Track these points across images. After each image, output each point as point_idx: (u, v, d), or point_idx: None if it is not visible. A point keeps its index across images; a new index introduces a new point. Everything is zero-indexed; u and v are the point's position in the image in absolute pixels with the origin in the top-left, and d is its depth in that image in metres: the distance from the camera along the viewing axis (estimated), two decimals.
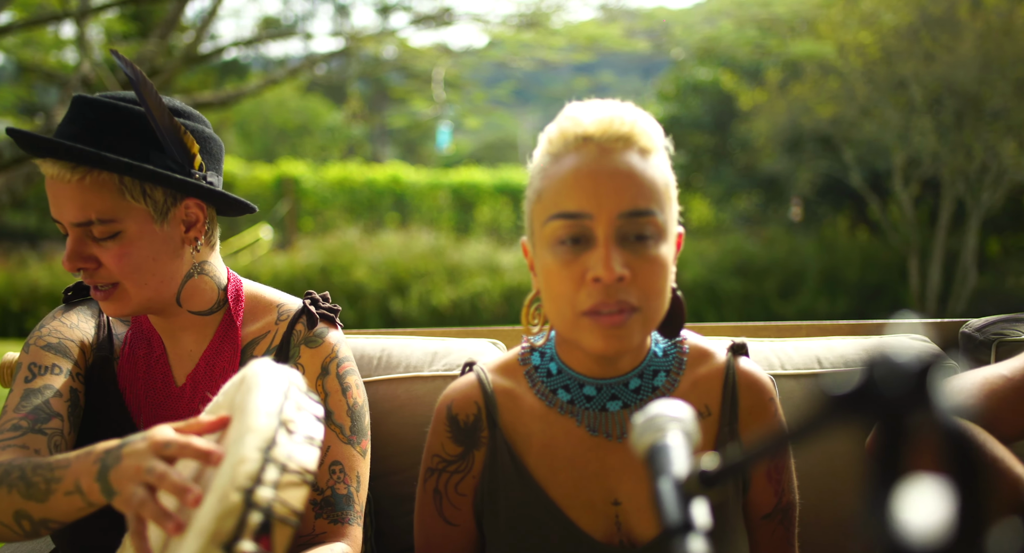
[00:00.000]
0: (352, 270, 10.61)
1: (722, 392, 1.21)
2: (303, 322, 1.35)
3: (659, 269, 1.08)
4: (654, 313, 1.10)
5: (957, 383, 1.19)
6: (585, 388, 1.18)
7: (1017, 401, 1.16)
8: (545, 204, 1.09)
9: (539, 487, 1.17)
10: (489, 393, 1.22)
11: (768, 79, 10.71)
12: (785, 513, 1.24)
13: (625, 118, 1.10)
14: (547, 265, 1.09)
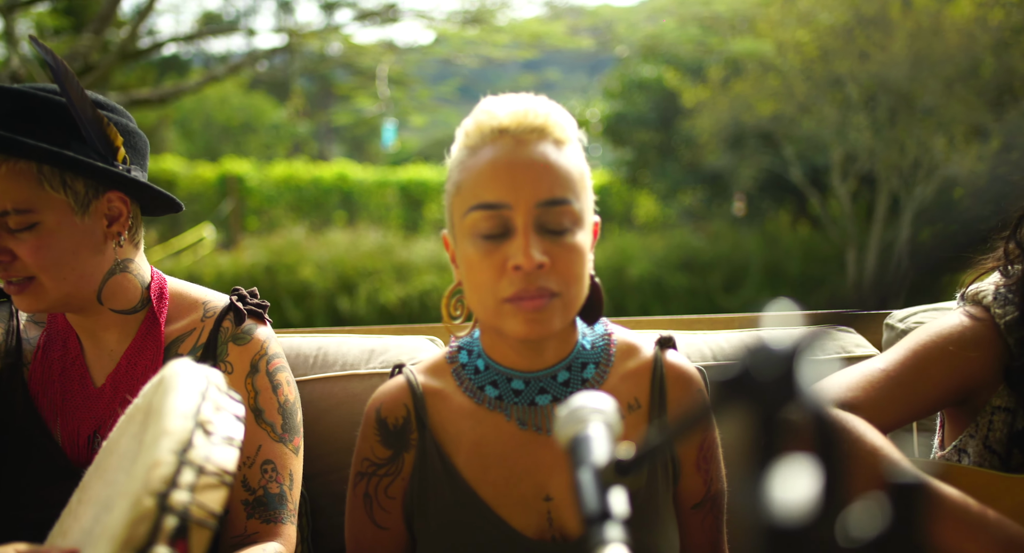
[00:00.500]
0: (299, 269, 10.48)
1: (651, 385, 1.23)
2: (230, 319, 1.34)
3: (577, 256, 1.11)
4: (573, 299, 1.13)
5: (840, 376, 1.23)
6: (513, 382, 1.19)
7: (894, 392, 1.20)
8: (464, 196, 1.12)
9: (469, 487, 1.18)
10: (418, 395, 1.22)
11: (710, 77, 10.89)
12: (714, 502, 1.26)
13: (539, 110, 1.13)
14: (468, 256, 1.11)
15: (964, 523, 1.07)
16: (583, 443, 0.81)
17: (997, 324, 1.22)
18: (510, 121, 1.11)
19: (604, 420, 0.83)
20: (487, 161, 1.10)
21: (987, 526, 1.07)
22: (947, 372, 1.22)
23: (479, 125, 1.13)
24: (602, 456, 0.79)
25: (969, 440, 1.28)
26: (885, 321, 1.75)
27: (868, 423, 1.17)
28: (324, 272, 10.65)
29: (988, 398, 1.24)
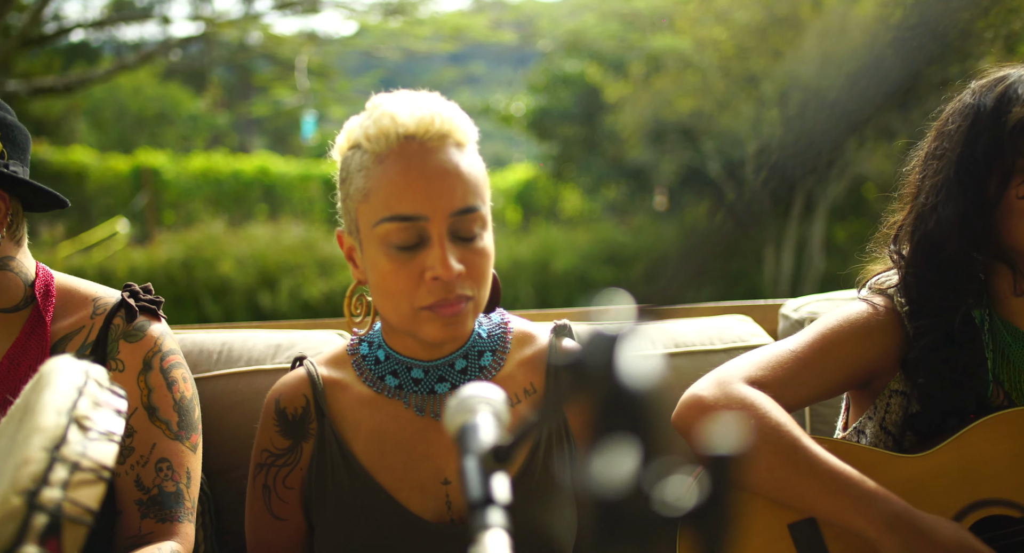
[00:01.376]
0: (218, 264, 10.21)
1: (546, 371, 1.27)
2: (121, 316, 1.31)
3: (487, 260, 1.16)
4: (483, 299, 1.17)
5: (751, 356, 1.29)
6: (413, 372, 1.22)
7: (801, 373, 1.26)
8: (375, 206, 1.12)
9: (367, 473, 1.20)
10: (318, 385, 1.24)
11: (631, 72, 11.07)
12: None
13: (443, 113, 1.14)
14: (380, 265, 1.12)
15: (854, 498, 1.14)
16: (470, 431, 0.83)
17: (899, 313, 1.30)
18: (416, 127, 1.11)
19: (492, 409, 0.86)
20: (399, 171, 1.10)
21: (875, 501, 1.13)
22: (851, 356, 1.29)
23: (383, 130, 1.12)
24: (488, 444, 0.81)
25: (868, 421, 1.35)
26: (780, 311, 1.83)
27: (774, 400, 1.22)
28: (244, 267, 10.41)
29: (887, 382, 1.31)
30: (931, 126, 1.35)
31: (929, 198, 1.27)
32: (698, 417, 1.22)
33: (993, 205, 1.22)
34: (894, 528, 1.11)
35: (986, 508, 1.20)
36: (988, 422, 1.21)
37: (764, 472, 1.17)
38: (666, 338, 1.72)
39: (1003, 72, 1.27)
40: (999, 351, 1.28)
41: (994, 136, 1.21)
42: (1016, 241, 1.22)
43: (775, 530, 1.21)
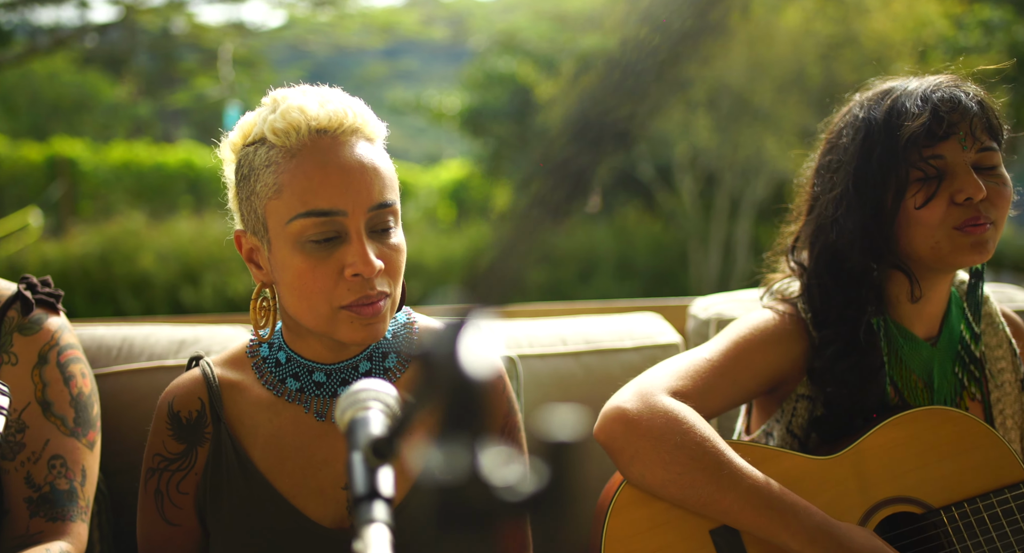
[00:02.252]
0: (137, 259, 9.88)
1: None
2: (16, 308, 1.26)
3: (402, 255, 1.15)
4: (398, 296, 1.16)
5: (670, 365, 1.31)
6: (315, 375, 1.19)
7: (718, 382, 1.29)
8: (288, 202, 1.08)
9: (264, 479, 1.17)
10: (214, 387, 1.20)
11: (563, 72, 11.14)
12: None
13: (353, 108, 1.13)
14: (295, 264, 1.09)
15: (777, 513, 1.16)
16: (358, 426, 0.83)
17: (803, 320, 1.33)
18: (329, 121, 1.09)
19: (382, 404, 0.85)
20: (315, 165, 1.08)
21: (797, 515, 1.16)
22: (762, 364, 1.32)
23: (293, 124, 1.09)
24: (376, 438, 0.81)
25: (775, 424, 1.38)
26: (689, 310, 1.87)
27: (697, 413, 1.23)
28: (166, 262, 10.10)
29: (794, 387, 1.35)
30: (821, 138, 1.39)
31: (828, 210, 1.31)
32: (622, 431, 1.22)
33: (891, 216, 1.26)
34: (816, 541, 1.14)
35: (890, 506, 1.24)
36: (889, 423, 1.25)
37: (690, 489, 1.18)
38: (576, 336, 1.74)
39: (887, 85, 1.32)
40: (893, 354, 1.33)
41: (888, 150, 1.24)
42: (914, 249, 1.27)
43: (697, 537, 1.22)
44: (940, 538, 1.23)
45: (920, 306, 1.33)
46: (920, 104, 1.23)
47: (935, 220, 1.23)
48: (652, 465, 1.18)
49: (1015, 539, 1.21)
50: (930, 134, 1.23)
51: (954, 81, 1.29)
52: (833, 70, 9.15)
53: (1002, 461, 1.24)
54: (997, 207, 1.25)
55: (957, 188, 1.22)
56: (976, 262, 1.25)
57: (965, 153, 1.23)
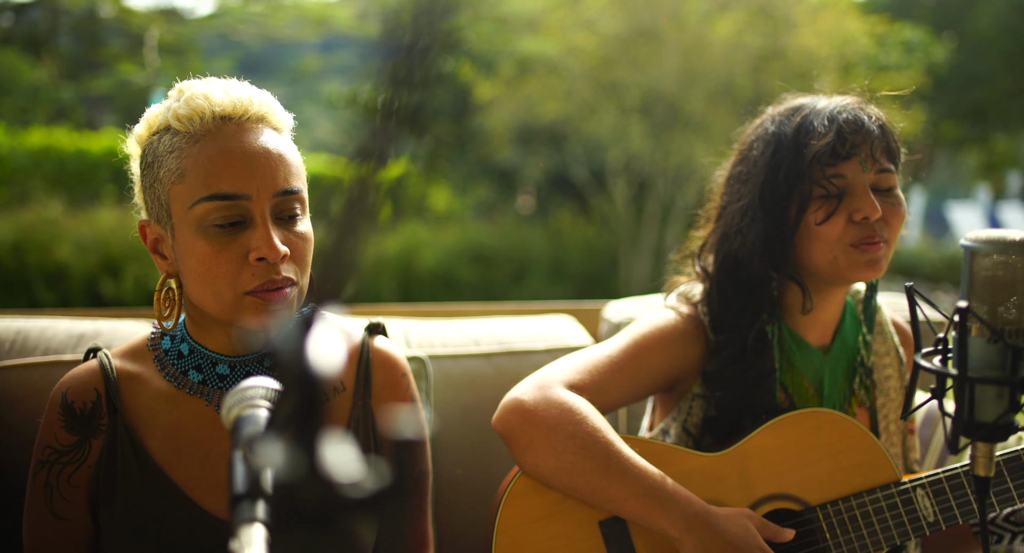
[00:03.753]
0: (54, 248, 9.51)
1: (356, 368, 1.26)
2: None
3: (309, 244, 1.14)
4: (305, 286, 1.15)
5: (570, 360, 1.33)
6: (219, 367, 1.18)
7: (616, 378, 1.32)
8: (191, 186, 1.08)
9: (161, 471, 1.15)
10: (112, 379, 1.17)
11: (502, 74, 11.17)
12: (417, 483, 1.31)
13: (259, 97, 1.15)
14: (198, 249, 1.08)
15: (659, 501, 1.19)
16: (243, 424, 0.82)
17: (703, 323, 1.37)
18: (234, 108, 1.10)
19: (270, 403, 0.84)
20: (218, 150, 1.07)
21: (677, 504, 1.19)
22: (660, 362, 1.35)
23: (197, 110, 1.09)
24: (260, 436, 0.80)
25: (672, 422, 1.42)
26: (602, 313, 1.90)
27: (591, 405, 1.27)
28: (85, 253, 9.75)
29: (690, 386, 1.39)
30: (733, 148, 1.43)
31: (734, 220, 1.35)
32: (519, 421, 1.25)
33: (793, 229, 1.31)
34: (692, 528, 1.18)
35: (772, 502, 1.29)
36: (773, 424, 1.30)
37: (579, 477, 1.21)
38: (490, 337, 1.75)
39: (798, 101, 1.37)
40: (786, 360, 1.38)
41: (794, 166, 1.30)
42: (813, 263, 1.32)
43: (587, 527, 1.25)
44: (816, 533, 1.28)
45: (814, 315, 1.39)
46: (826, 124, 1.28)
47: (834, 236, 1.29)
48: (544, 453, 1.21)
49: (884, 537, 1.27)
50: (834, 154, 1.28)
51: (859, 103, 1.34)
52: (762, 82, 9.39)
53: (876, 463, 1.30)
54: (891, 226, 1.31)
55: (856, 207, 1.28)
56: (870, 278, 1.31)
57: (865, 174, 1.29)
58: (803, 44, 9.27)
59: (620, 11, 9.86)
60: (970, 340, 0.87)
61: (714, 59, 9.47)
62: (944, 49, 13.90)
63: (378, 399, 1.27)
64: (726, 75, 9.45)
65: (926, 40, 13.03)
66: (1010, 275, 0.86)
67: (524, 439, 1.24)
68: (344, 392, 1.25)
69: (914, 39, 12.47)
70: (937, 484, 1.27)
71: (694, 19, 9.43)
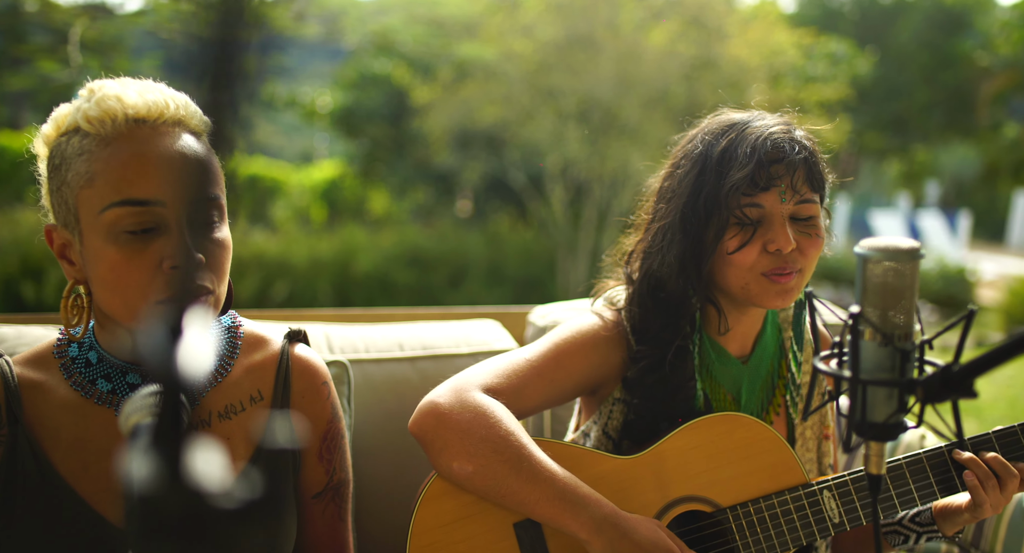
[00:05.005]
0: None
1: (275, 377, 1.24)
2: None
3: (227, 252, 1.12)
4: (223, 295, 1.13)
5: (489, 364, 1.34)
6: (129, 376, 1.15)
7: (535, 381, 1.33)
8: (101, 190, 1.04)
9: (65, 484, 1.11)
10: (12, 387, 1.13)
11: (439, 77, 11.15)
12: (337, 491, 1.30)
13: (176, 100, 1.11)
14: (108, 256, 1.04)
15: (569, 504, 1.20)
16: (142, 431, 0.80)
17: (625, 329, 1.39)
18: (148, 111, 1.06)
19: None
20: (132, 154, 1.04)
21: (587, 506, 1.20)
22: (580, 367, 1.36)
23: (108, 112, 1.06)
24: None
25: (593, 425, 1.43)
26: (528, 317, 1.91)
27: (507, 408, 1.27)
28: (4, 255, 9.38)
29: (612, 391, 1.40)
30: (669, 155, 1.45)
31: (657, 238, 1.38)
32: (434, 424, 1.25)
33: (709, 254, 1.33)
34: (602, 530, 1.19)
35: (684, 504, 1.31)
36: (687, 427, 1.33)
37: (491, 480, 1.22)
38: (414, 341, 1.74)
39: (733, 117, 1.37)
40: (705, 368, 1.40)
41: (714, 192, 1.31)
42: (728, 286, 1.34)
43: (501, 529, 1.26)
44: (726, 534, 1.31)
45: (734, 328, 1.42)
46: (748, 153, 1.29)
47: (747, 264, 1.31)
48: (458, 456, 1.22)
49: (791, 537, 1.31)
50: (752, 184, 1.29)
51: (786, 130, 1.34)
52: (695, 90, 9.59)
53: (786, 465, 1.34)
54: (806, 256, 1.33)
55: (770, 238, 1.30)
56: (780, 306, 1.34)
57: (783, 205, 1.30)
58: (734, 54, 9.50)
59: (557, 18, 9.95)
60: (863, 344, 0.90)
61: (649, 67, 9.62)
62: (867, 62, 14.42)
63: (297, 408, 1.25)
64: (660, 83, 9.61)
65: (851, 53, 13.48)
66: (900, 282, 0.90)
67: (439, 442, 1.24)
68: (262, 401, 1.23)
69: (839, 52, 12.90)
70: (843, 486, 1.32)
71: (629, 27, 9.58)
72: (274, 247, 11.85)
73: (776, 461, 1.33)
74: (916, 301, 0.91)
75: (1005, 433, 1.34)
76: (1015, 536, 1.76)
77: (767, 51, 9.75)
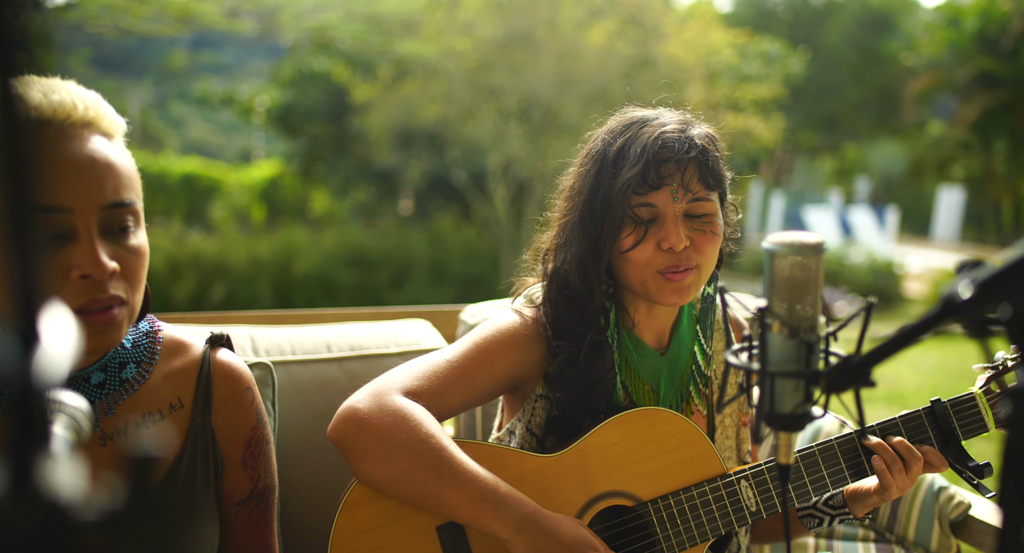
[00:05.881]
0: None
1: (196, 383, 1.22)
2: None
3: (143, 259, 1.08)
4: (138, 304, 1.09)
5: (409, 366, 1.33)
6: None
7: (456, 382, 1.33)
8: None
9: None
10: None
11: (380, 75, 11.06)
12: (261, 498, 1.28)
13: (85, 100, 1.06)
14: None
15: (491, 504, 1.20)
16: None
17: (544, 325, 1.39)
18: (54, 113, 1.01)
19: (68, 419, 0.81)
20: None
21: (509, 506, 1.21)
22: (501, 365, 1.36)
23: None
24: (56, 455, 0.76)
25: (517, 423, 1.43)
26: (460, 315, 1.91)
27: (427, 411, 1.26)
28: None
29: (534, 387, 1.41)
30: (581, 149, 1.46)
31: (563, 235, 1.39)
32: (352, 429, 1.23)
33: (606, 251, 1.34)
34: (523, 529, 1.19)
35: (606, 499, 1.32)
36: (608, 423, 1.34)
37: (412, 484, 1.21)
38: (342, 342, 1.73)
39: (634, 116, 1.37)
40: (625, 361, 1.42)
41: (608, 191, 1.32)
42: (628, 283, 1.36)
43: (423, 533, 1.25)
44: (648, 528, 1.33)
45: (648, 320, 1.43)
46: (638, 153, 1.30)
47: (642, 262, 1.32)
48: (378, 461, 1.21)
49: (710, 527, 1.34)
50: (643, 183, 1.30)
51: (681, 129, 1.34)
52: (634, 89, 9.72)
53: (705, 457, 1.36)
54: (702, 253, 1.33)
55: (662, 236, 1.31)
56: (677, 304, 1.35)
57: (676, 203, 1.32)
58: (671, 53, 9.65)
59: (497, 16, 9.96)
60: (771, 337, 0.92)
61: (588, 65, 9.70)
62: (800, 61, 14.80)
63: (219, 415, 1.23)
64: (600, 81, 9.70)
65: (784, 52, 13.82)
66: (805, 276, 0.92)
67: (358, 448, 1.23)
68: (182, 409, 1.20)
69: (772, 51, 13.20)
70: (759, 475, 1.35)
71: (568, 26, 9.64)
72: (212, 248, 11.61)
73: (695, 453, 1.35)
74: (821, 294, 0.93)
75: (910, 417, 1.39)
76: (926, 520, 1.83)
77: (703, 50, 9.92)
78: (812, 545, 1.90)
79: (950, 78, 18.78)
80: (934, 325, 0.73)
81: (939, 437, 1.38)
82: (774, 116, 11.01)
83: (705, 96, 9.84)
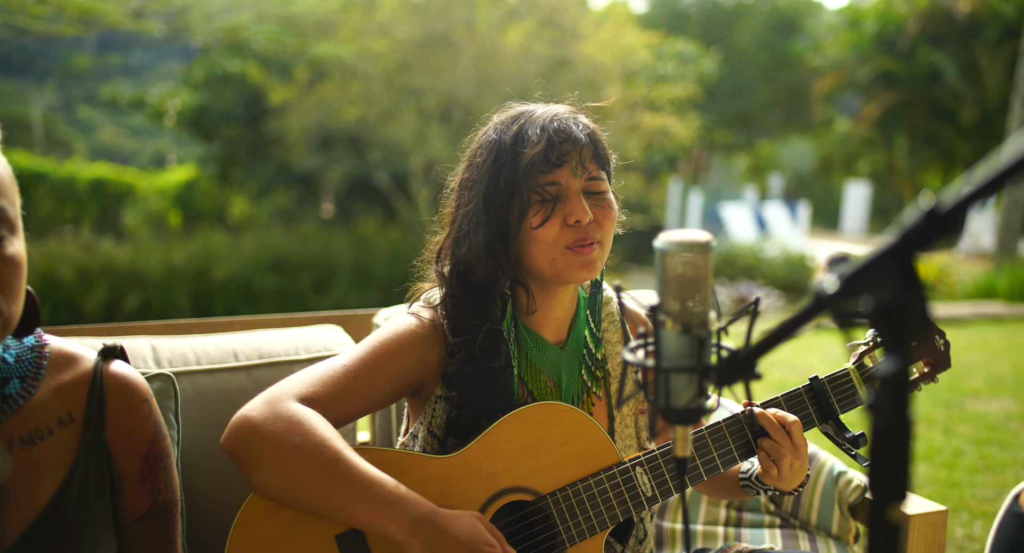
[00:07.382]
0: None
1: (87, 397, 1.17)
2: None
3: (17, 269, 1.03)
4: (14, 316, 1.04)
5: (306, 372, 1.31)
6: None
7: (352, 387, 1.32)
8: None
9: None
10: None
11: (296, 77, 10.87)
12: (162, 513, 1.24)
13: None
14: None
15: (386, 505, 1.19)
16: None
17: (442, 326, 1.39)
18: None
19: None
20: None
21: (404, 506, 1.20)
22: (399, 368, 1.35)
23: None
24: None
25: (419, 426, 1.43)
26: (373, 319, 1.89)
27: (322, 417, 1.25)
28: None
29: (433, 389, 1.40)
30: (464, 154, 1.47)
31: (463, 225, 1.40)
32: (245, 437, 1.21)
33: (515, 233, 1.36)
34: (419, 529, 1.19)
35: (507, 495, 1.33)
36: (505, 420, 1.35)
37: (307, 488, 1.19)
38: (250, 350, 1.69)
39: (520, 109, 1.43)
40: (524, 356, 1.43)
41: (512, 173, 1.35)
42: (536, 265, 1.38)
43: (323, 543, 1.24)
44: (549, 521, 1.35)
45: (547, 313, 1.46)
46: (538, 133, 1.35)
47: (551, 239, 1.35)
48: (272, 467, 1.20)
49: (608, 515, 1.36)
50: (546, 161, 1.35)
51: (571, 112, 1.42)
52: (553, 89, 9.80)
53: (600, 448, 1.38)
54: (603, 228, 1.39)
55: (568, 211, 1.35)
56: (586, 279, 1.39)
57: (576, 180, 1.37)
58: (588, 54, 9.77)
59: (414, 17, 9.91)
60: (665, 333, 0.94)
61: (506, 66, 9.75)
62: (713, 62, 15.18)
63: (114, 429, 1.18)
64: (519, 82, 9.75)
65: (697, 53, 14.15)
66: (695, 273, 0.94)
67: (252, 456, 1.21)
68: (72, 424, 1.15)
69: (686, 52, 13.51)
70: (653, 461, 1.38)
71: (486, 27, 9.66)
72: (124, 256, 11.19)
73: (591, 444, 1.37)
74: (711, 290, 0.96)
75: (791, 395, 1.46)
76: (827, 504, 1.91)
77: (619, 51, 10.08)
78: (721, 534, 1.95)
79: (853, 77, 19.61)
80: (808, 318, 0.76)
81: (819, 412, 1.45)
82: (690, 115, 11.26)
83: (623, 96, 9.99)
